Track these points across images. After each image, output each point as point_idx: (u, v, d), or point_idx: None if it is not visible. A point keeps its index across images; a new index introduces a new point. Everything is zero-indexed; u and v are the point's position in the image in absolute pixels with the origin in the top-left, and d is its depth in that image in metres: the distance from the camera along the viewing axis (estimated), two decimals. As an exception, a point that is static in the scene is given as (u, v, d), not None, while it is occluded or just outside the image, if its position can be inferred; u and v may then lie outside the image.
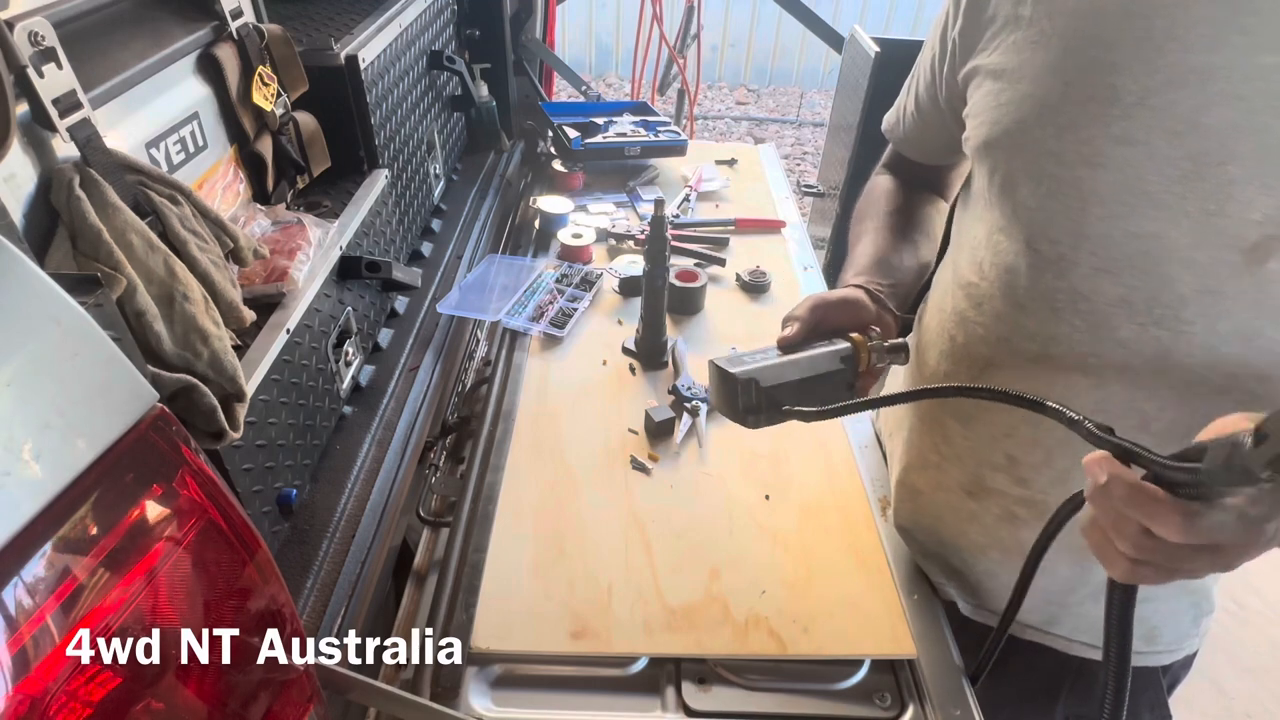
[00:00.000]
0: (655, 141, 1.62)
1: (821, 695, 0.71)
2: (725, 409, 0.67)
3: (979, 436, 0.71)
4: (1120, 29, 0.55)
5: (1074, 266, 0.60)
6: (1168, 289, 0.56)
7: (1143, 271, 0.57)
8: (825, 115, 4.99)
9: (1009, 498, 0.70)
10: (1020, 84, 0.61)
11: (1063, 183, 0.59)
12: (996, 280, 0.66)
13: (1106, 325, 0.60)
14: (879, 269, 0.75)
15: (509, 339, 1.14)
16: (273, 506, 0.73)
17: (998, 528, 0.72)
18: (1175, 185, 0.54)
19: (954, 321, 0.71)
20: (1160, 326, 0.57)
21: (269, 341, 0.70)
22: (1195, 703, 1.77)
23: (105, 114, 0.62)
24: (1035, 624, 0.76)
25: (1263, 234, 0.52)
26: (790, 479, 0.91)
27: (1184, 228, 0.54)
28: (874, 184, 0.88)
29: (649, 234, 1.02)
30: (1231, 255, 0.53)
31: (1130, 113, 0.54)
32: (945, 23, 0.70)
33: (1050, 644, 0.77)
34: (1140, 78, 0.54)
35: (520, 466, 0.91)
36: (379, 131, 1.03)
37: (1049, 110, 0.59)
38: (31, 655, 0.31)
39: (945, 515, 0.78)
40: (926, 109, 0.77)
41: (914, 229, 0.81)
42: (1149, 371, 0.59)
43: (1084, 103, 0.57)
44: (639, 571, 0.78)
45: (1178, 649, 0.76)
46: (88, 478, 0.33)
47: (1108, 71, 0.55)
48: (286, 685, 0.47)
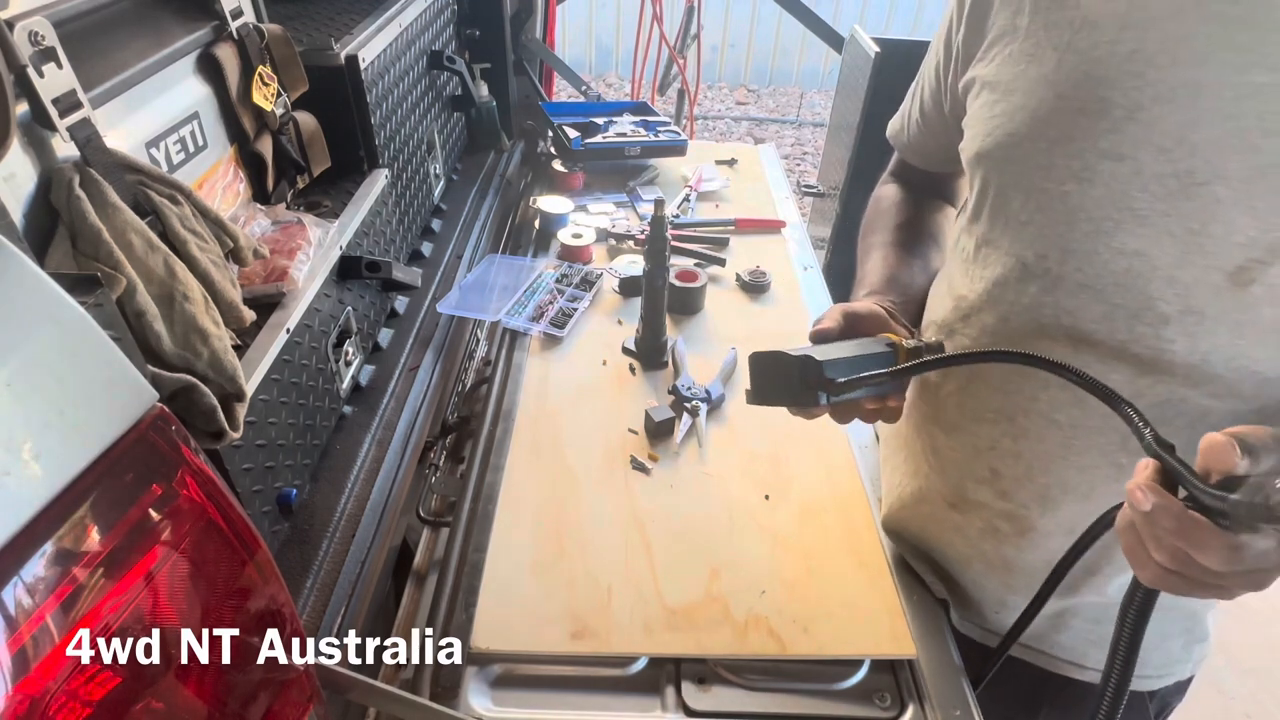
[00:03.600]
0: (655, 141, 1.62)
1: (821, 695, 0.71)
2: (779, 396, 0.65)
3: (964, 448, 0.70)
4: (1113, 42, 0.54)
5: (1059, 281, 0.59)
6: (1150, 308, 0.56)
7: (1126, 289, 0.56)
8: (825, 115, 4.99)
9: (991, 511, 0.69)
10: (1014, 95, 0.60)
11: (1051, 196, 0.58)
12: (984, 293, 0.66)
13: (1088, 341, 0.59)
14: (891, 286, 0.75)
15: (509, 339, 1.14)
16: (273, 506, 0.73)
17: (980, 541, 0.72)
18: (1160, 203, 0.53)
19: (944, 333, 0.71)
20: (1141, 344, 0.57)
21: (269, 341, 0.70)
22: (1195, 703, 1.77)
23: (105, 114, 0.62)
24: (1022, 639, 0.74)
25: (1247, 257, 0.51)
26: (790, 479, 0.91)
27: (1167, 246, 0.54)
28: (880, 194, 0.87)
29: (649, 234, 1.02)
30: (1215, 276, 0.53)
31: (1119, 127, 0.54)
32: (949, 29, 0.70)
33: (1033, 660, 0.76)
34: (1130, 92, 0.53)
35: (520, 466, 0.91)
36: (379, 131, 1.03)
37: (1040, 122, 0.58)
38: (31, 655, 0.31)
39: (929, 526, 0.77)
40: (931, 116, 0.77)
41: (923, 241, 0.80)
42: (1131, 389, 0.58)
43: (1075, 115, 0.56)
44: (639, 571, 0.78)
45: (1166, 674, 0.75)
46: (88, 477, 0.33)
47: (1098, 84, 0.55)
48: (286, 685, 0.47)
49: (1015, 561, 0.70)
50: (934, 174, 0.83)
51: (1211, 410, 0.56)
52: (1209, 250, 0.52)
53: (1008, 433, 0.65)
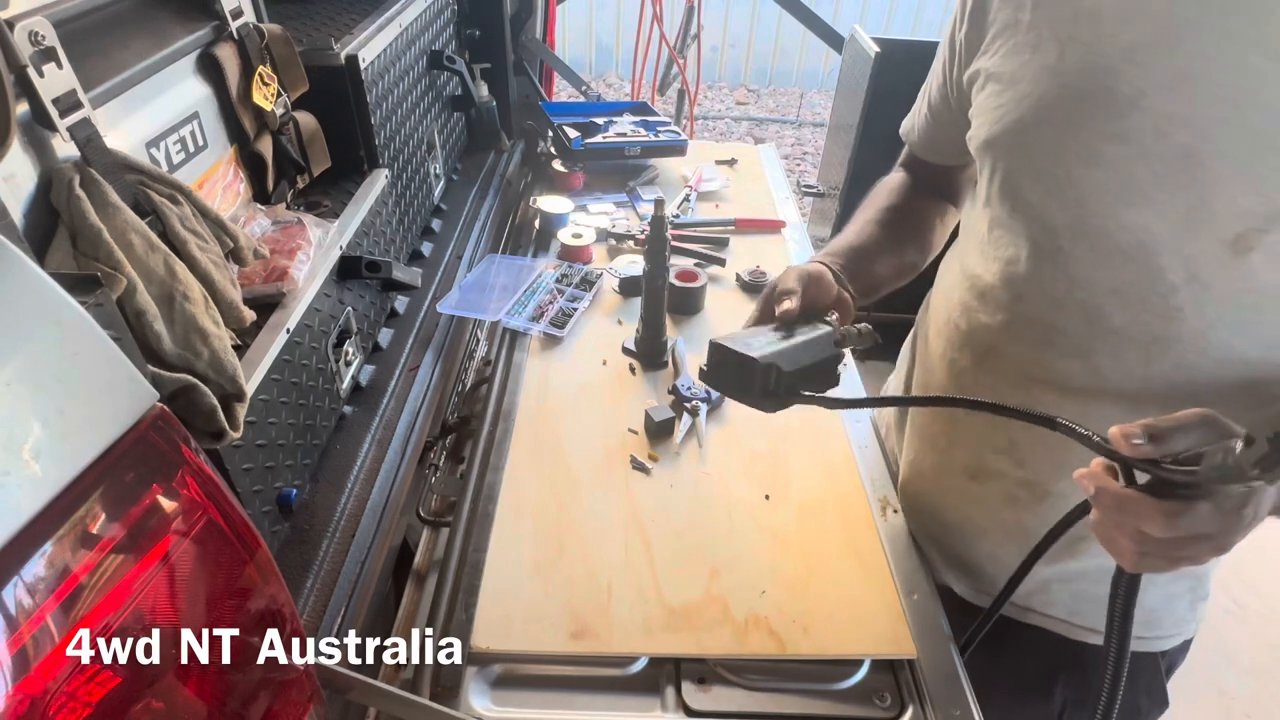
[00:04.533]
0: (655, 141, 1.62)
1: (821, 695, 0.71)
2: (734, 391, 0.67)
3: (982, 420, 0.73)
4: (1114, 33, 0.57)
5: (1071, 259, 0.63)
6: (1159, 279, 0.59)
7: (1134, 262, 0.60)
8: (825, 115, 4.99)
9: (1010, 480, 0.73)
10: (1020, 84, 0.64)
11: (1060, 180, 0.62)
12: (999, 272, 0.69)
13: (1100, 313, 0.63)
14: (850, 255, 0.78)
15: (509, 339, 1.14)
16: (273, 506, 0.73)
17: (1000, 510, 0.75)
18: (1165, 181, 0.57)
19: (959, 310, 0.75)
20: (1151, 314, 0.60)
21: (269, 341, 0.70)
22: (1195, 703, 1.78)
23: (105, 113, 0.62)
24: (1035, 606, 0.79)
25: (1245, 226, 0.55)
26: (790, 479, 0.91)
27: (1172, 221, 0.57)
28: (886, 179, 0.90)
29: (649, 234, 1.02)
30: (1217, 247, 0.56)
31: (1124, 113, 0.57)
32: (953, 27, 0.73)
33: (1049, 626, 0.79)
34: (1134, 80, 0.56)
35: (520, 466, 0.91)
36: (379, 131, 1.03)
37: (1047, 110, 0.61)
38: (31, 655, 0.31)
39: (949, 498, 0.80)
40: (939, 110, 0.80)
41: (904, 229, 0.83)
42: (1142, 358, 0.62)
43: (1080, 103, 0.59)
44: (639, 571, 0.78)
45: (1176, 634, 0.79)
46: (88, 477, 0.33)
47: (1103, 74, 0.58)
48: (286, 685, 0.47)
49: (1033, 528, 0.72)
50: (941, 167, 0.86)
51: (1219, 377, 0.60)
52: (1211, 223, 0.56)
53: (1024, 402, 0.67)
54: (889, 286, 0.81)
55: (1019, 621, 0.80)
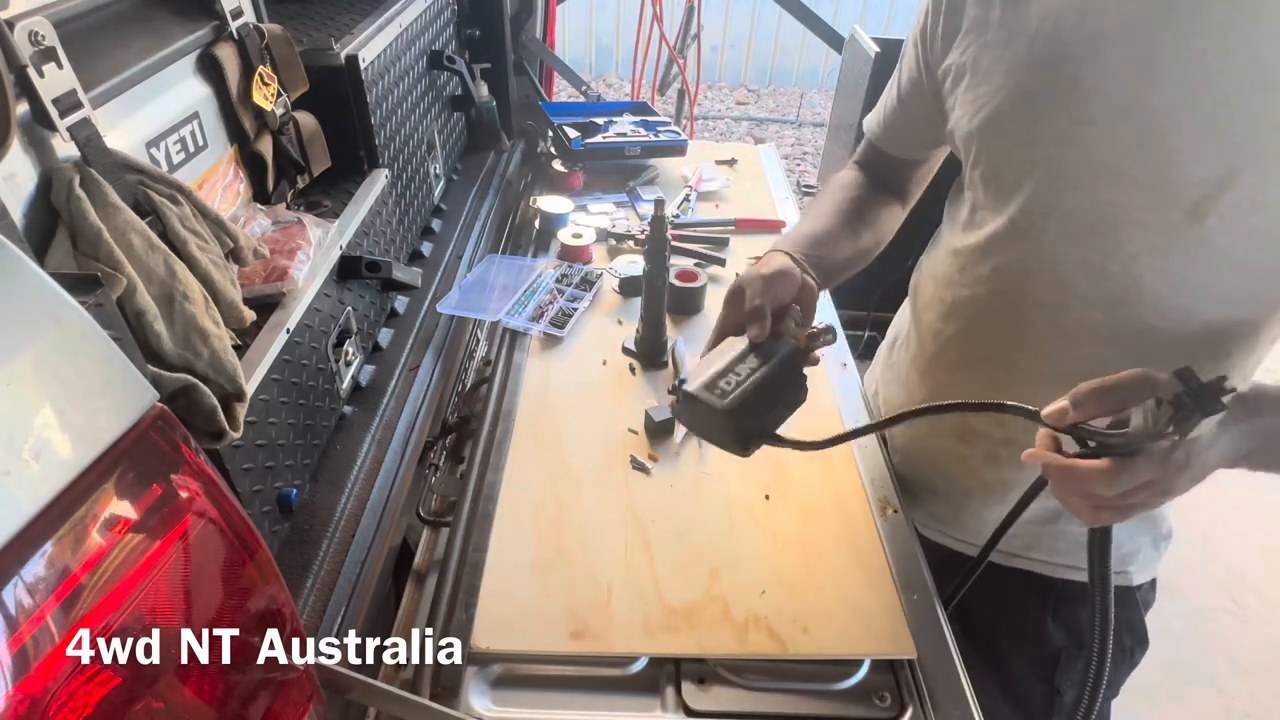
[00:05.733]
0: (655, 141, 1.62)
1: (821, 695, 0.71)
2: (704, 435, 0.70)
3: (967, 385, 0.81)
4: (1076, 26, 0.63)
5: (1043, 233, 0.69)
6: (1122, 249, 0.65)
7: (1100, 234, 0.66)
8: (825, 115, 4.99)
9: (992, 439, 0.81)
10: (994, 78, 0.69)
11: (1037, 163, 0.68)
12: (978, 248, 0.76)
13: (1069, 281, 0.69)
14: (810, 242, 0.81)
15: (509, 339, 1.14)
16: (273, 506, 0.73)
17: (983, 469, 0.83)
18: (1127, 158, 0.63)
19: (945, 285, 0.81)
20: (1115, 282, 0.67)
21: (269, 341, 0.70)
22: (1195, 703, 1.78)
23: (105, 113, 0.62)
24: (1017, 550, 0.87)
25: (1200, 194, 0.60)
26: (790, 479, 0.91)
27: (1134, 194, 0.63)
28: (840, 175, 0.94)
29: (649, 234, 1.02)
30: (1175, 216, 0.62)
31: (1089, 98, 0.63)
32: (925, 23, 0.78)
33: (1034, 569, 0.87)
34: (1094, 68, 0.63)
35: (520, 466, 0.91)
36: (379, 131, 1.03)
37: (1022, 99, 0.67)
38: (31, 655, 0.31)
39: (939, 459, 0.89)
40: (909, 101, 0.84)
41: (860, 220, 0.86)
42: (1107, 322, 0.69)
43: (1050, 91, 0.65)
44: (639, 571, 0.78)
45: (1146, 570, 0.87)
46: (88, 477, 0.33)
47: (1067, 63, 0.64)
48: (286, 685, 0.47)
49: (1013, 483, 0.81)
50: (898, 161, 0.90)
51: (1179, 335, 0.67)
52: (1169, 194, 0.62)
53: (1002, 367, 0.77)
54: (848, 271, 0.84)
55: (1007, 568, 0.87)
